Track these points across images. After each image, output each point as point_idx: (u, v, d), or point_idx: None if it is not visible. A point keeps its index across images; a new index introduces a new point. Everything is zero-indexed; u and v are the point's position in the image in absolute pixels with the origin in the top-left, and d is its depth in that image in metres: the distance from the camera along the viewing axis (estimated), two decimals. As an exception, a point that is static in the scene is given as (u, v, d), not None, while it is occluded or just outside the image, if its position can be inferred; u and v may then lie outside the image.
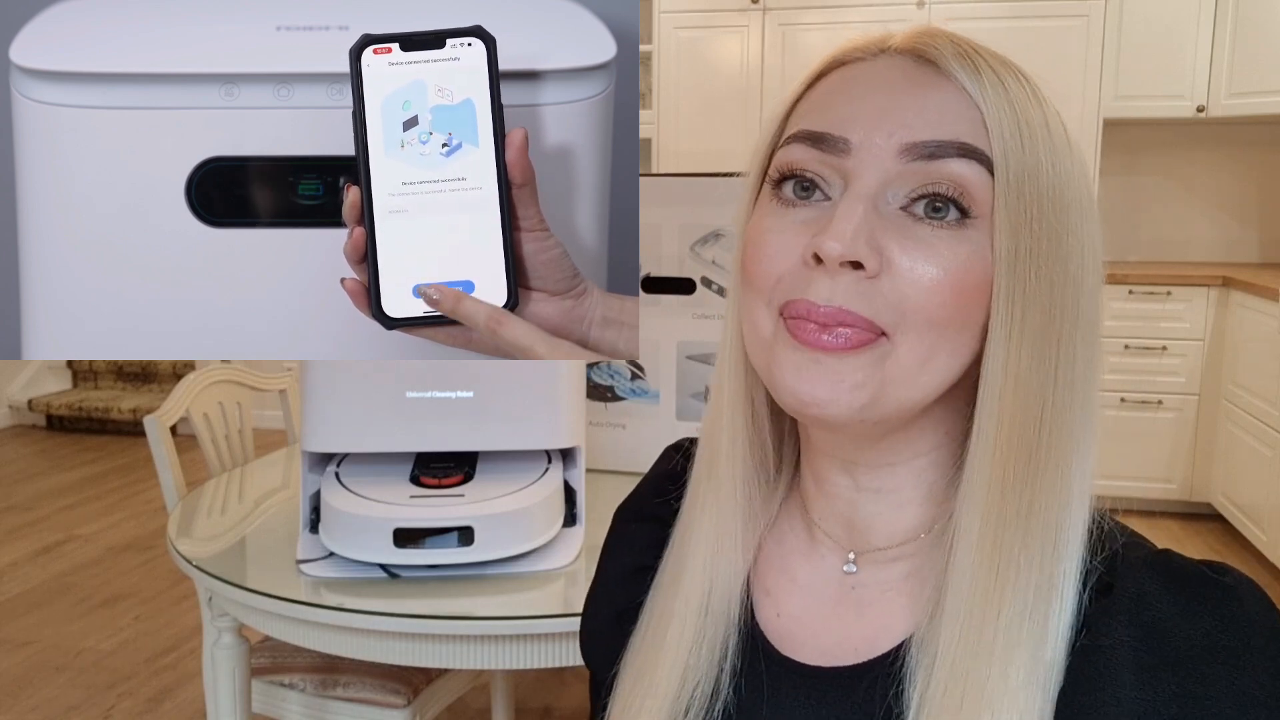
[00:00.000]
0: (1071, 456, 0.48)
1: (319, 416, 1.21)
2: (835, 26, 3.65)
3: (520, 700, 2.28)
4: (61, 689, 2.38)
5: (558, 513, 1.25)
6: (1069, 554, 0.47)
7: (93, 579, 3.03)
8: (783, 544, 0.57)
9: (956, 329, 0.46)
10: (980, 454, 0.48)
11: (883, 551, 0.53)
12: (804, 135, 0.49)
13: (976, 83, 0.47)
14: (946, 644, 0.47)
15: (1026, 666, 0.45)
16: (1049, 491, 0.47)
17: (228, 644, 1.36)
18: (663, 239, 1.52)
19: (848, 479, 0.53)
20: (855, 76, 0.50)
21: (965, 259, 0.46)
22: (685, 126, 3.85)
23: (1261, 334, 3.00)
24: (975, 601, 0.46)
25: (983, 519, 0.47)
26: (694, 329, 1.53)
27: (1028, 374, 0.47)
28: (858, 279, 0.46)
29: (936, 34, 0.49)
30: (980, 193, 0.46)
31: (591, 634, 0.65)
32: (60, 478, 4.07)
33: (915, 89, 0.47)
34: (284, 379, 2.01)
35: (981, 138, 0.46)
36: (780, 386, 0.48)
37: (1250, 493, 3.05)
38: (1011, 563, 0.46)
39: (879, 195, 0.47)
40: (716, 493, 0.56)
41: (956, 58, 0.47)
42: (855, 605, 0.53)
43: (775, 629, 0.55)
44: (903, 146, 0.46)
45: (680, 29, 3.80)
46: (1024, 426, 0.47)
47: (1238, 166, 3.78)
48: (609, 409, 1.57)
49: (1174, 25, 3.47)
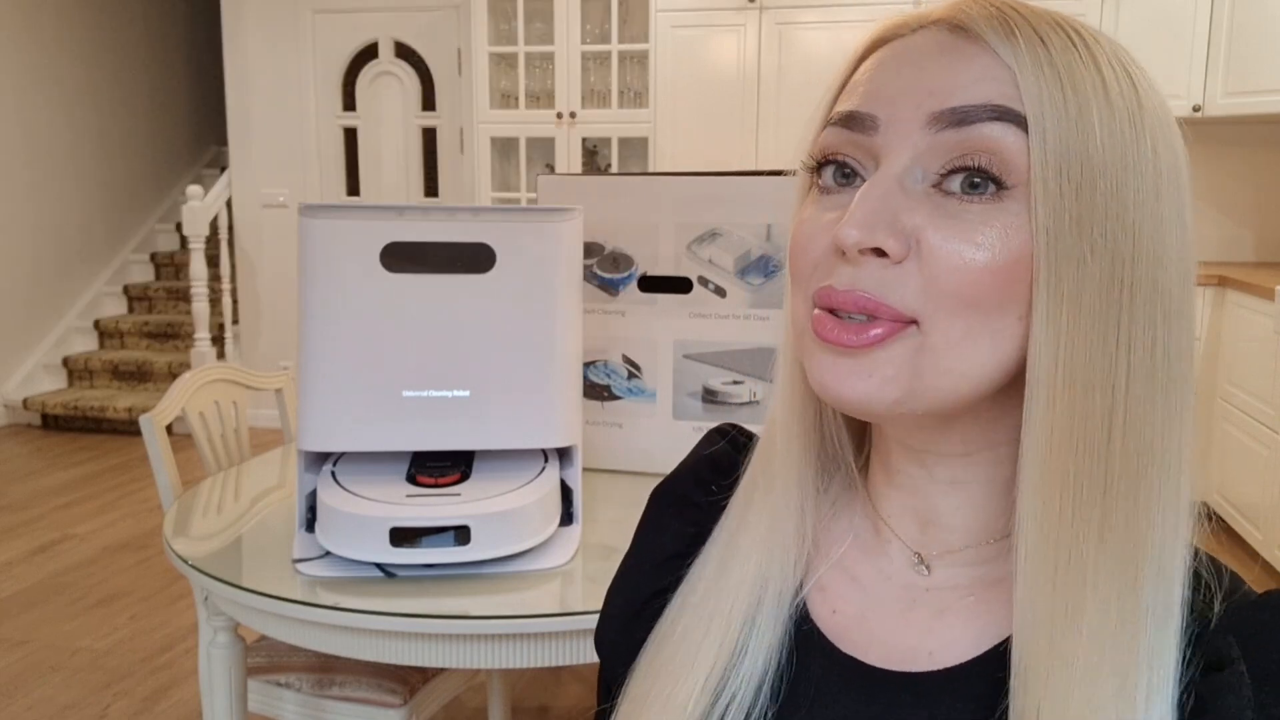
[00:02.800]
0: (1156, 457, 0.43)
1: (315, 415, 1.21)
2: (832, 25, 3.65)
3: (517, 699, 2.28)
4: (57, 688, 2.37)
5: (554, 512, 1.25)
6: (1167, 577, 0.43)
7: (88, 578, 3.02)
8: (842, 541, 0.55)
9: (997, 310, 0.43)
10: (1033, 454, 0.44)
11: (959, 553, 0.50)
12: (837, 118, 0.47)
13: (1010, 42, 0.43)
14: (1044, 660, 0.43)
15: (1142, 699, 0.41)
16: (1128, 509, 0.42)
17: (223, 643, 1.36)
18: (659, 238, 1.52)
19: (920, 469, 0.50)
20: (891, 53, 0.47)
21: (1003, 234, 0.42)
22: (682, 125, 3.85)
23: (1257, 333, 3.01)
24: (1057, 619, 0.42)
25: (1041, 530, 0.43)
26: (690, 328, 1.52)
27: (1085, 360, 0.42)
28: (881, 266, 0.44)
29: (972, 0, 0.46)
30: (1017, 158, 0.42)
31: (610, 616, 0.62)
32: (56, 477, 4.06)
33: (946, 57, 0.45)
34: (280, 378, 2.01)
35: (1016, 99, 0.43)
36: (813, 382, 0.46)
37: (1246, 491, 3.05)
38: (1087, 583, 0.42)
39: (907, 172, 0.44)
40: (772, 485, 0.54)
41: (988, 19, 0.44)
42: (931, 609, 0.50)
43: (831, 626, 0.52)
44: (931, 116, 0.44)
45: (677, 28, 3.80)
46: (1086, 422, 0.42)
47: (1234, 166, 3.78)
48: (605, 408, 1.57)
49: (1171, 25, 3.48)
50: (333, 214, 1.21)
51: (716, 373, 1.52)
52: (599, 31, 3.97)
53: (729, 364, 1.52)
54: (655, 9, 3.79)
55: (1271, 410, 2.87)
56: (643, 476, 1.52)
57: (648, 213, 1.51)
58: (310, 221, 1.21)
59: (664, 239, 1.51)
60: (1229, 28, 3.40)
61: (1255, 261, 3.79)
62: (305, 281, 1.21)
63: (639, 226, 1.52)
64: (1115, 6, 3.49)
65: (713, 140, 3.83)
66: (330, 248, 1.20)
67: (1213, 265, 3.62)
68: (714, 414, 1.53)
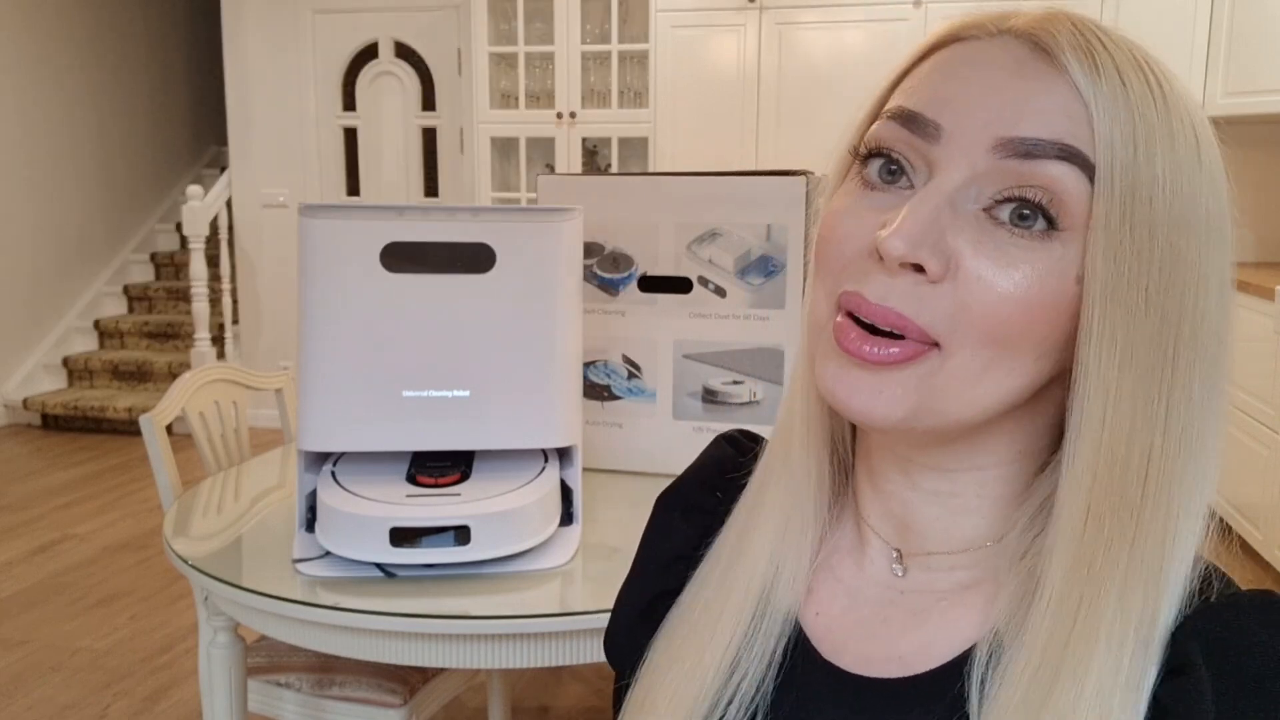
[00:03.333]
0: (1178, 505, 0.43)
1: (315, 415, 1.20)
2: (832, 25, 3.65)
3: (517, 699, 2.28)
4: (57, 688, 2.37)
5: (554, 512, 1.25)
6: (1167, 604, 0.43)
7: (88, 578, 3.02)
8: (829, 540, 0.55)
9: (1019, 348, 0.43)
10: (1072, 504, 0.43)
11: (937, 557, 0.50)
12: (898, 113, 0.46)
13: (1092, 79, 0.42)
14: (1021, 672, 0.43)
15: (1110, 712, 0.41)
16: (1151, 555, 0.43)
17: (223, 643, 1.36)
18: (659, 238, 1.51)
19: (904, 477, 0.50)
20: (964, 57, 0.45)
21: (1042, 274, 0.42)
22: (682, 125, 3.85)
23: (1258, 333, 3.01)
24: (1055, 645, 0.43)
25: (1070, 569, 0.43)
26: (690, 328, 1.52)
27: (1129, 416, 0.42)
28: (917, 282, 0.43)
29: (1059, 18, 0.44)
30: (1076, 203, 0.42)
31: (618, 627, 0.62)
32: (56, 477, 4.06)
33: (1022, 79, 0.43)
34: (280, 378, 2.01)
35: (1087, 141, 0.42)
36: (821, 384, 0.46)
37: (1246, 491, 3.05)
38: (1102, 634, 0.42)
39: (961, 191, 0.43)
40: (789, 480, 0.53)
41: (1074, 49, 0.43)
42: (906, 612, 0.50)
43: (815, 629, 0.53)
44: (997, 141, 0.42)
45: (677, 28, 3.80)
46: (1124, 473, 0.43)
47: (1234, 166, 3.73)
48: (605, 408, 1.57)
49: (1171, 25, 3.48)
50: (333, 214, 1.21)
51: (716, 373, 1.52)
52: (599, 31, 3.97)
53: (729, 364, 1.52)
54: (655, 9, 3.79)
55: (1271, 410, 2.87)
56: (643, 476, 1.52)
57: (648, 213, 1.51)
58: (310, 221, 1.21)
59: (664, 239, 1.51)
60: (1229, 27, 3.40)
61: (1255, 261, 3.79)
62: (305, 281, 1.21)
63: (639, 226, 1.52)
64: (1115, 6, 3.49)
65: (713, 140, 3.83)
66: (330, 248, 1.20)
67: (1213, 265, 3.62)
68: (714, 414, 1.53)
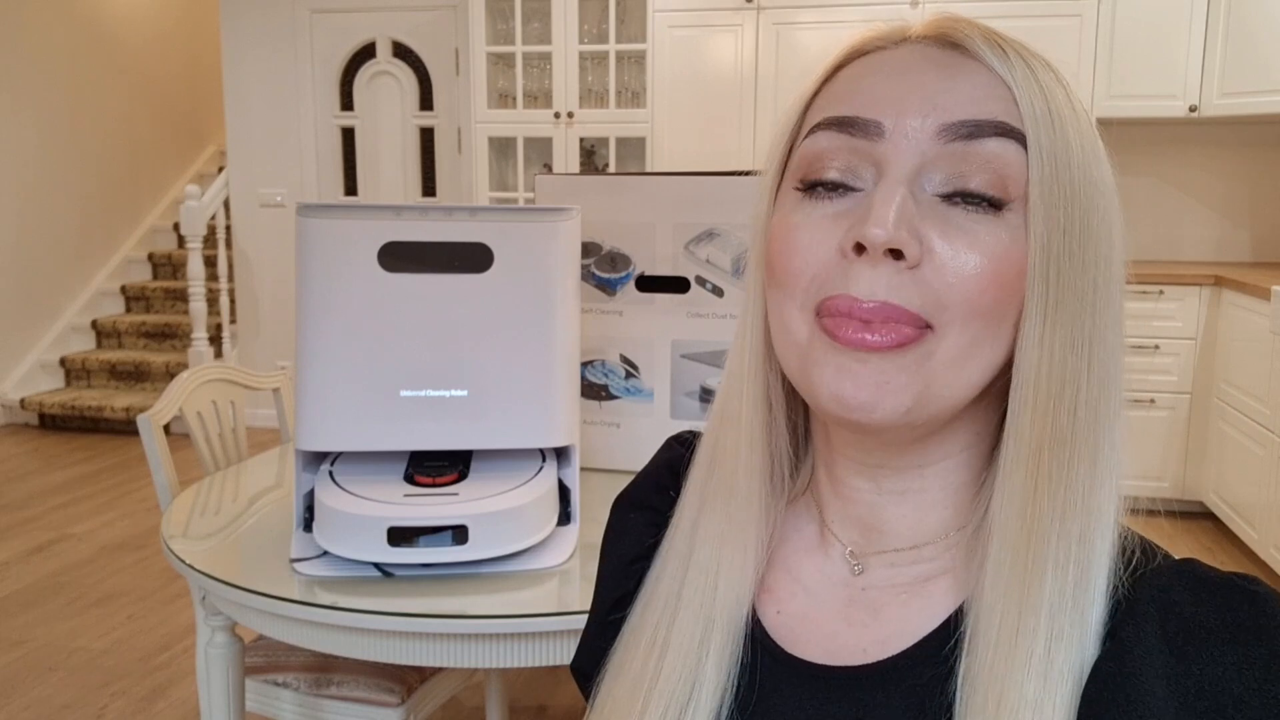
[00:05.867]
0: (1103, 449, 0.46)
1: (313, 415, 1.21)
2: (829, 25, 3.66)
3: (514, 699, 2.28)
4: (54, 688, 2.37)
5: (552, 511, 1.25)
6: (1101, 550, 0.45)
7: (86, 578, 3.02)
8: (787, 542, 0.56)
9: (998, 318, 0.45)
10: (1016, 447, 0.46)
11: (899, 553, 0.51)
12: (832, 122, 0.47)
13: (1005, 64, 0.46)
14: (984, 642, 0.45)
15: (1067, 666, 0.43)
16: (1083, 484, 0.45)
17: (221, 643, 1.36)
18: (657, 238, 1.52)
19: (869, 483, 0.52)
20: (880, 64, 0.48)
21: (1006, 245, 0.45)
22: (680, 125, 3.85)
23: (1253, 333, 3.01)
24: (1012, 598, 0.44)
25: (1019, 513, 0.45)
26: (688, 328, 1.53)
27: (1061, 362, 0.45)
28: (898, 269, 0.44)
29: (956, 19, 0.48)
30: (1017, 174, 0.45)
31: (586, 635, 0.63)
32: (53, 477, 4.06)
33: (945, 71, 0.46)
34: (277, 377, 2.01)
35: (1016, 117, 0.45)
36: (820, 391, 0.46)
37: (1242, 491, 3.06)
38: (1050, 558, 0.44)
39: (916, 180, 0.45)
40: (728, 495, 0.54)
41: (984, 40, 0.47)
42: (867, 607, 0.52)
43: (775, 626, 0.53)
44: (940, 127, 0.45)
45: (675, 28, 3.80)
46: (1056, 416, 0.45)
47: (1230, 166, 3.79)
48: (603, 407, 1.57)
49: (1166, 25, 3.48)
50: (330, 214, 1.21)
51: (714, 372, 1.53)
52: (596, 31, 3.98)
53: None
54: (653, 9, 3.79)
55: (1267, 410, 2.88)
56: (640, 476, 1.52)
57: (645, 212, 1.52)
58: (308, 221, 1.21)
59: (661, 239, 1.52)
60: (1225, 28, 3.41)
61: (1251, 261, 3.80)
62: (303, 281, 1.21)
63: (636, 226, 1.53)
64: (1111, 6, 3.49)
65: (710, 140, 3.83)
66: (328, 247, 1.20)
67: (1208, 265, 3.63)
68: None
